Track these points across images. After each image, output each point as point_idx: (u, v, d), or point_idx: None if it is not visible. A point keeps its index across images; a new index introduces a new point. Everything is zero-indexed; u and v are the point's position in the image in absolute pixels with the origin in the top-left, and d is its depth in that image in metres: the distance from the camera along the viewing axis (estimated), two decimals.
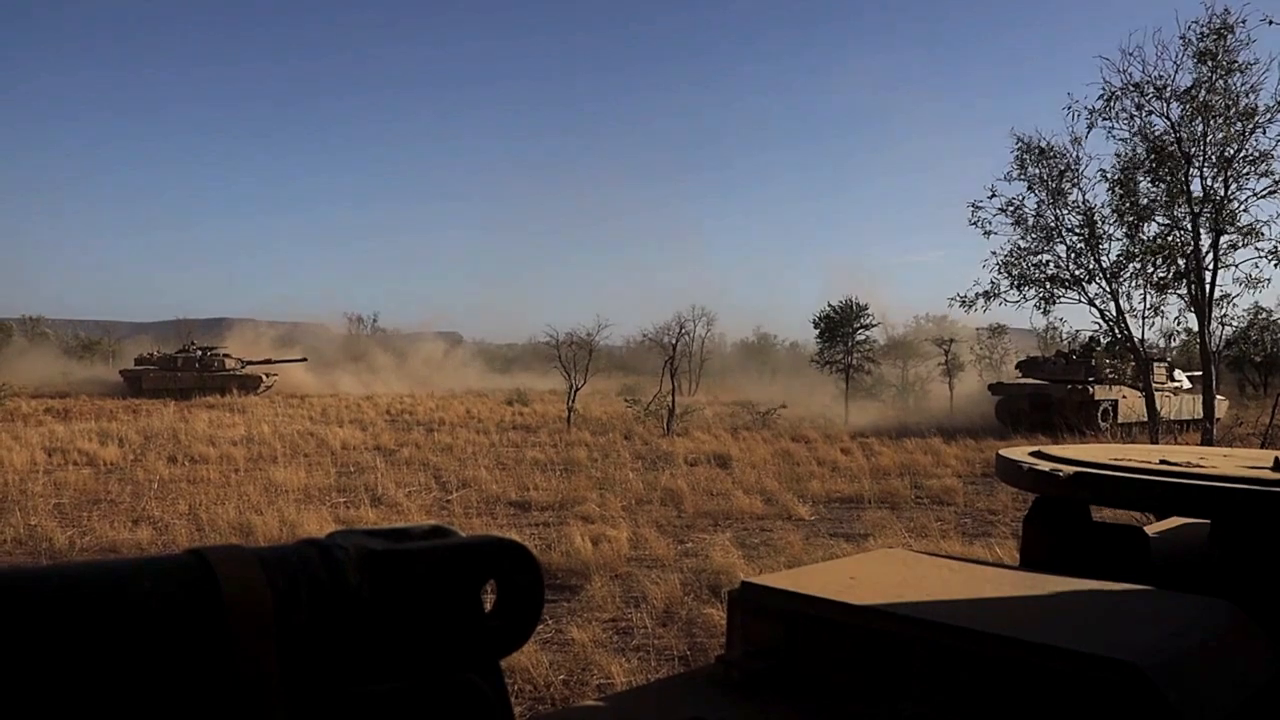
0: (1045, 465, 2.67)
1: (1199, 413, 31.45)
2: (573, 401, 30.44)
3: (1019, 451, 2.96)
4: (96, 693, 0.65)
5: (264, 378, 47.12)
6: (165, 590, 0.68)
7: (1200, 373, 31.34)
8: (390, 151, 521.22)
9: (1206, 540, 2.85)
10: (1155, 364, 31.14)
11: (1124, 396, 29.91)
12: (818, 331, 39.18)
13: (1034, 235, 21.13)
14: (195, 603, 0.69)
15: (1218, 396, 34.16)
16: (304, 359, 53.54)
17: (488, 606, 0.86)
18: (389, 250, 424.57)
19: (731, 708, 1.56)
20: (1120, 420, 30.11)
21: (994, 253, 21.68)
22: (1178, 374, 33.37)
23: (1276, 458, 2.73)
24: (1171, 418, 29.64)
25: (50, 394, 43.23)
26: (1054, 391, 30.33)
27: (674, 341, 32.56)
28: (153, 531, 11.97)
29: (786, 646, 1.70)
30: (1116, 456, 2.88)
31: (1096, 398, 29.76)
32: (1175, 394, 31.71)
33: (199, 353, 46.92)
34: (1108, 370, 29.00)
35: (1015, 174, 21.19)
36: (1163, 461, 2.78)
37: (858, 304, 38.39)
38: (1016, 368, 35.36)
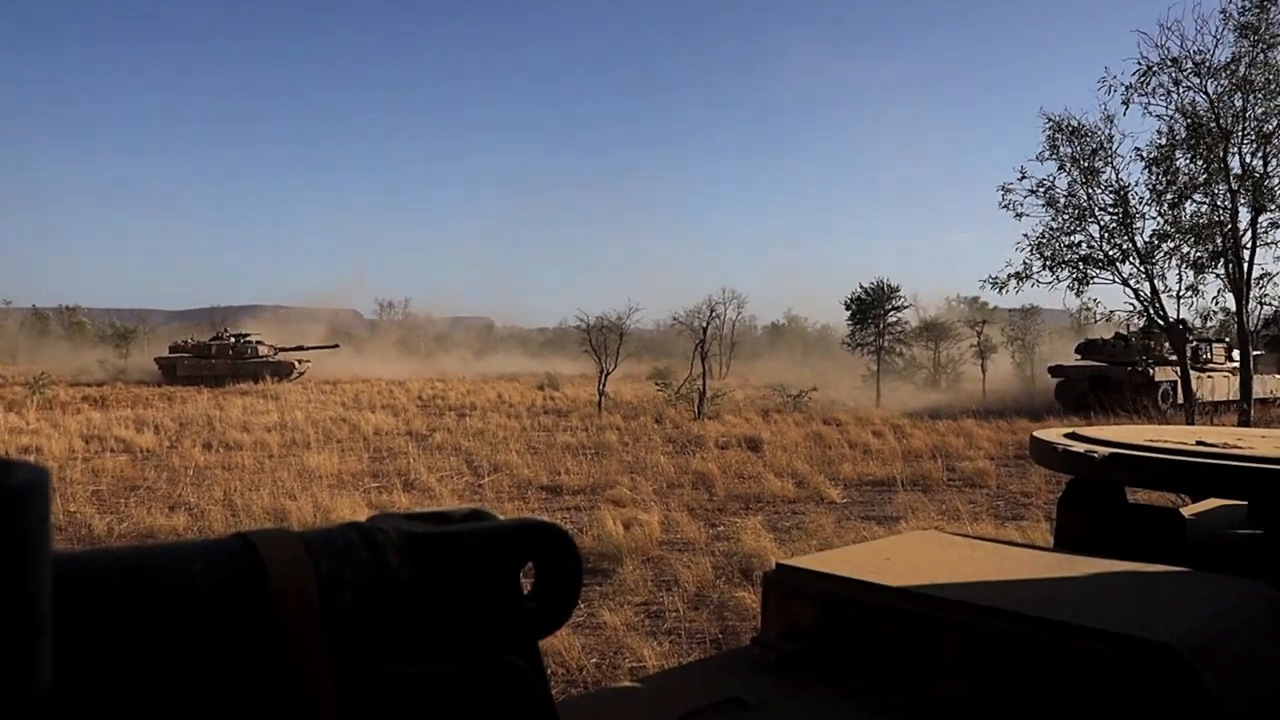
0: (1080, 447, 2.66)
1: (1263, 393, 31.36)
2: (604, 385, 30.47)
3: (1054, 433, 2.94)
4: (151, 675, 0.66)
5: (297, 364, 47.43)
6: (214, 574, 0.70)
7: (1261, 352, 31.09)
8: (422, 138, 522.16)
9: (1243, 522, 2.88)
10: (1214, 344, 31.60)
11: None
12: (849, 313, 39.06)
13: (1066, 215, 20.93)
14: (243, 586, 0.70)
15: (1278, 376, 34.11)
16: (336, 345, 53.88)
17: (526, 588, 0.87)
18: (421, 236, 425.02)
19: (767, 688, 1.57)
20: (1180, 400, 29.94)
21: (1025, 235, 21.49)
22: (1236, 354, 32.83)
23: None
24: (1230, 398, 29.35)
25: (88, 382, 43.68)
26: (1113, 373, 30.27)
27: (705, 325, 32.50)
28: (189, 518, 12.10)
29: (821, 628, 1.71)
30: (1152, 438, 2.86)
31: (1156, 379, 29.79)
32: (1234, 374, 31.14)
33: (232, 340, 47.21)
34: (1165, 350, 28.80)
35: (1046, 154, 20.99)
36: (1199, 442, 2.75)
37: (889, 285, 38.26)
38: (1076, 350, 35.18)
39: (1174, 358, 28.41)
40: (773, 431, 22.15)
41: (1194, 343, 31.54)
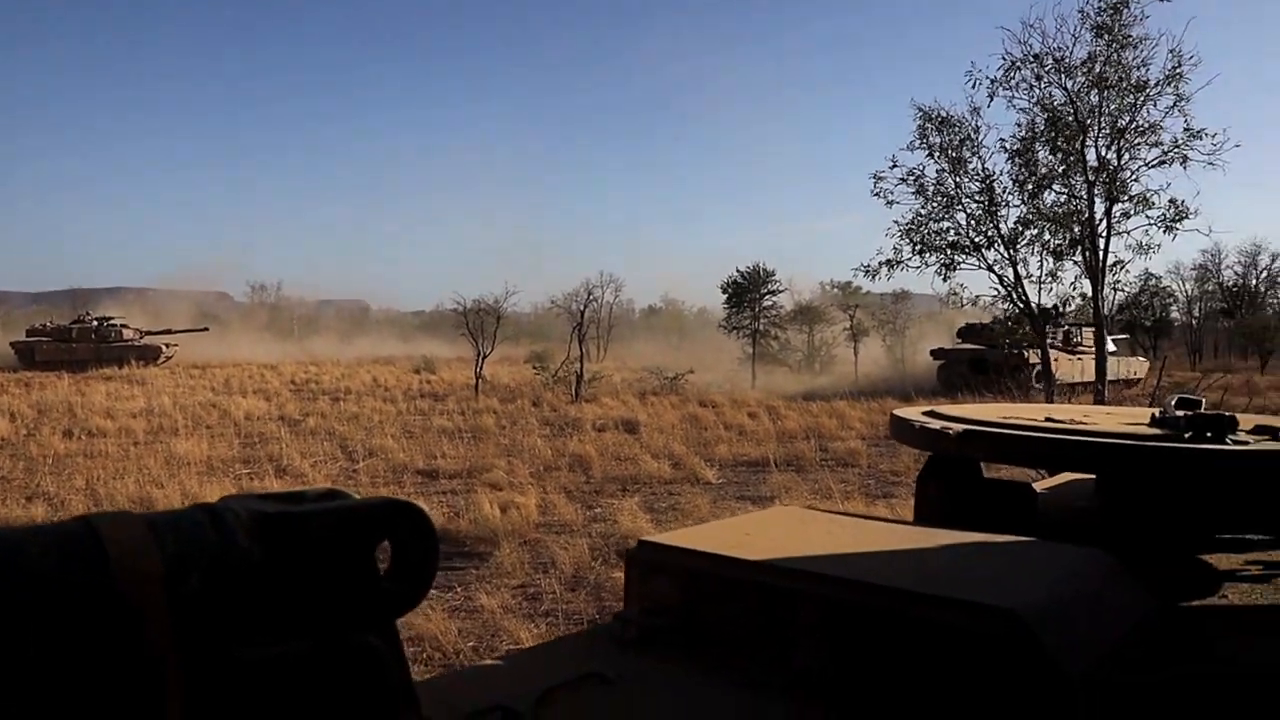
0: (936, 424, 2.73)
1: (1123, 374, 33.12)
2: (481, 369, 30.30)
3: (912, 411, 3.03)
4: None
5: (164, 348, 46.04)
6: (52, 558, 0.69)
7: (1125, 336, 32.58)
8: (291, 115, 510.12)
9: (1092, 495, 3.00)
10: (1084, 328, 32.85)
11: (1056, 359, 30.88)
12: (725, 297, 39.48)
13: (935, 203, 21.48)
14: (83, 570, 0.69)
15: (1140, 359, 36.12)
16: (205, 329, 52.41)
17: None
18: (292, 217, 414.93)
19: (628, 664, 1.58)
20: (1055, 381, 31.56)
21: (896, 221, 21.97)
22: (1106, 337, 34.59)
23: (1153, 414, 2.82)
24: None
25: None
26: (990, 356, 31.48)
27: (582, 308, 32.50)
28: (48, 508, 11.66)
29: (684, 603, 1.72)
30: (1005, 415, 2.95)
31: (1030, 361, 31.07)
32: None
33: (95, 323, 45.55)
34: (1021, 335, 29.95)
35: (917, 143, 21.49)
36: (1048, 419, 2.85)
37: (765, 270, 38.77)
38: (957, 334, 36.50)
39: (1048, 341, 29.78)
40: (649, 414, 22.29)
41: (1066, 327, 33.26)
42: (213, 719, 0.76)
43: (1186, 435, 2.45)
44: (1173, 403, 2.76)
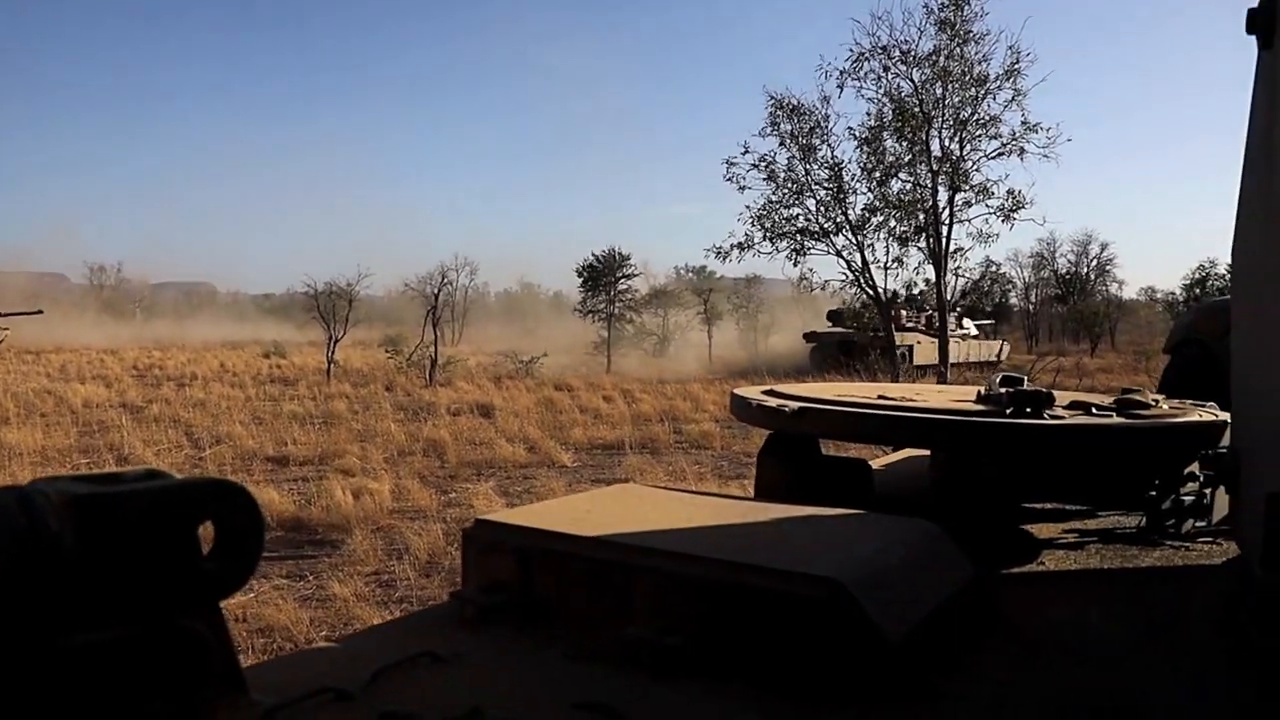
0: (773, 402, 2.84)
1: (986, 355, 34.72)
2: (332, 353, 29.74)
3: (752, 390, 3.14)
4: None
5: None
6: None
7: (989, 321, 34.17)
8: (127, 87, 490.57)
9: (927, 470, 3.16)
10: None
11: (919, 342, 32.86)
12: (581, 280, 39.51)
13: (785, 190, 21.91)
14: None
15: (1001, 341, 38.18)
16: (40, 311, 50.02)
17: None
18: (132, 195, 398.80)
19: (464, 641, 1.60)
20: (917, 363, 32.62)
21: (747, 207, 22.36)
22: (966, 322, 37.33)
23: (979, 392, 2.99)
24: (961, 360, 32.65)
25: None
26: (858, 339, 32.50)
27: (436, 291, 32.13)
28: None
29: (520, 580, 1.75)
30: (840, 393, 3.10)
31: (895, 343, 31.89)
32: (964, 340, 35.27)
33: None
34: (904, 318, 31.25)
35: (768, 130, 21.89)
36: (880, 397, 3.00)
37: (620, 254, 38.91)
38: (827, 317, 37.58)
39: (910, 325, 31.24)
40: (505, 398, 22.22)
41: (929, 311, 34.80)
42: (29, 711, 0.74)
43: (1008, 411, 2.59)
44: (997, 380, 2.91)
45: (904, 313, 33.74)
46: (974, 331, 38.20)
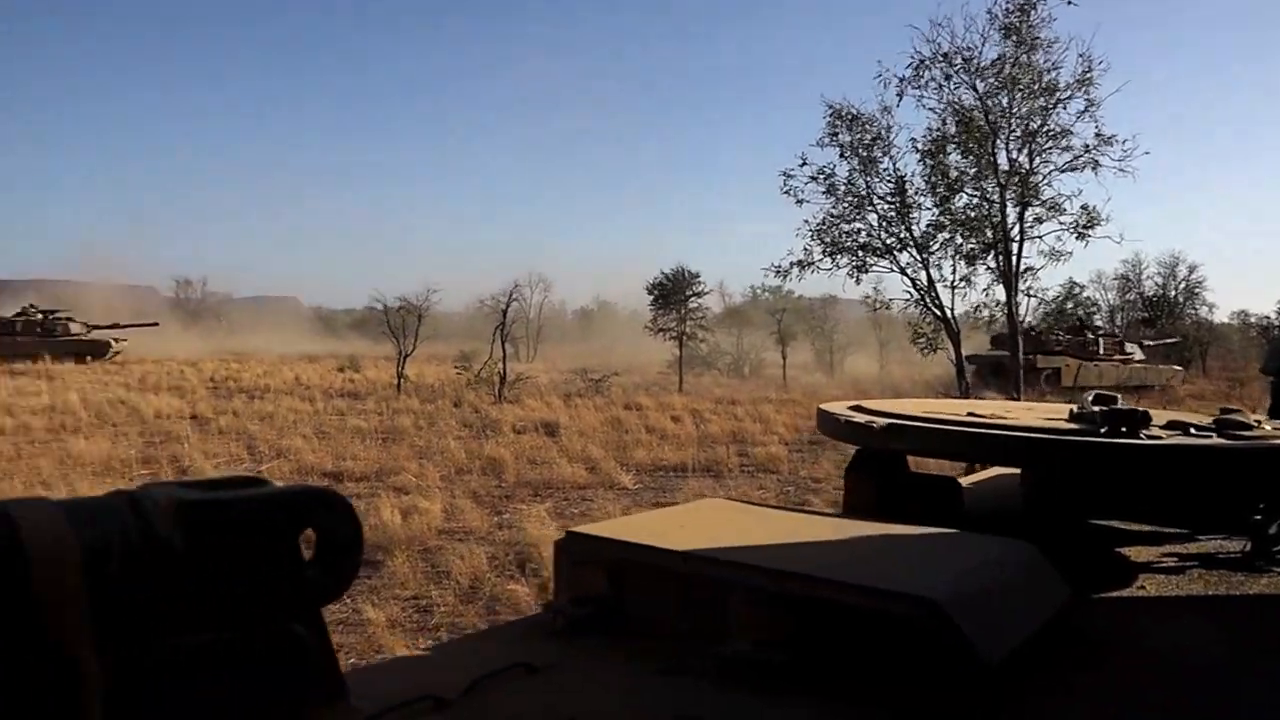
0: (861, 418, 2.79)
1: (1153, 381, 36.39)
2: (403, 368, 29.81)
3: (839, 406, 3.12)
4: None
5: (113, 343, 44.40)
6: None
7: (1171, 340, 34.76)
8: (221, 105, 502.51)
9: (1017, 488, 3.09)
10: (1101, 337, 37.37)
11: (1066, 365, 34.03)
12: (651, 298, 39.24)
13: (845, 203, 21.29)
14: None
15: (1174, 367, 39.10)
16: (155, 324, 50.82)
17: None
18: (218, 210, 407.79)
19: (557, 652, 1.61)
20: (1063, 384, 33.62)
21: (806, 221, 21.74)
22: (1128, 346, 38.78)
23: (1071, 410, 2.92)
24: (1121, 384, 32.86)
25: None
26: (1009, 361, 32.95)
27: (505, 308, 32.03)
28: None
29: (611, 593, 1.77)
30: (930, 410, 3.08)
31: (1038, 366, 33.10)
32: (1125, 363, 36.64)
33: (40, 316, 43.85)
34: (1052, 342, 33.80)
35: (826, 140, 21.29)
36: (969, 414, 2.96)
37: (689, 271, 38.55)
38: (991, 341, 37.69)
39: (1058, 350, 32.24)
40: (571, 416, 21.95)
41: (1088, 335, 36.74)
42: (134, 712, 0.75)
43: (1102, 430, 2.53)
44: (1089, 399, 2.83)
45: (1053, 337, 34.81)
46: (1139, 355, 38.51)
